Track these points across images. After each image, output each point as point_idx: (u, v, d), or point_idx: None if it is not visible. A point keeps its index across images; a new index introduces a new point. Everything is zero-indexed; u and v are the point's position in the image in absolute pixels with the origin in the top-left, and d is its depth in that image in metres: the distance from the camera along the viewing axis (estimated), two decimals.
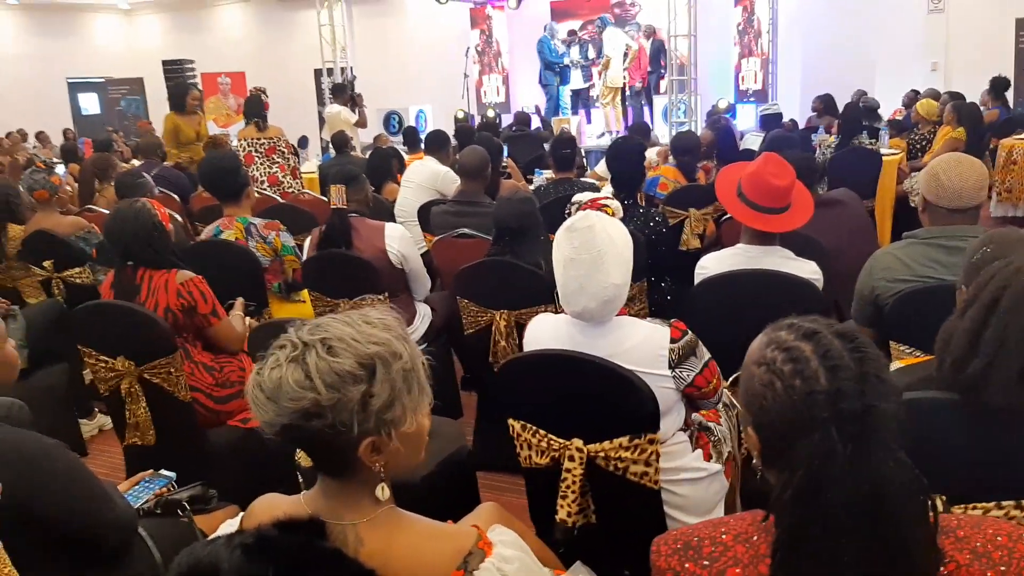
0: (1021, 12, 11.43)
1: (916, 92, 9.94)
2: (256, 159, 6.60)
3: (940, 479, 1.22)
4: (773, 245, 2.90)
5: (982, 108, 8.50)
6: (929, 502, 1.08)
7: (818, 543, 1.05)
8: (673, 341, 2.05)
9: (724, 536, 1.18)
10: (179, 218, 4.97)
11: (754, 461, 1.20)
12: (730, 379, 1.24)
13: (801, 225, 2.93)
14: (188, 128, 7.55)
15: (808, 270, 2.83)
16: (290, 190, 6.65)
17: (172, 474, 2.25)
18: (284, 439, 1.23)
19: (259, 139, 6.69)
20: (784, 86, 12.78)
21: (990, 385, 1.50)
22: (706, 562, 1.16)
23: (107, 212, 4.56)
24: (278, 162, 6.68)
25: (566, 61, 14.02)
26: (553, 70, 14.07)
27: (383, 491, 1.27)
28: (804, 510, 1.06)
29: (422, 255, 4.10)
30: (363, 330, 1.24)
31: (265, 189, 6.43)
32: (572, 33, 14.31)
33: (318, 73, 13.25)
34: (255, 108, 6.98)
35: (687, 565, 1.17)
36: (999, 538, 1.12)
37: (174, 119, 7.53)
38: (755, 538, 1.15)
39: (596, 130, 13.00)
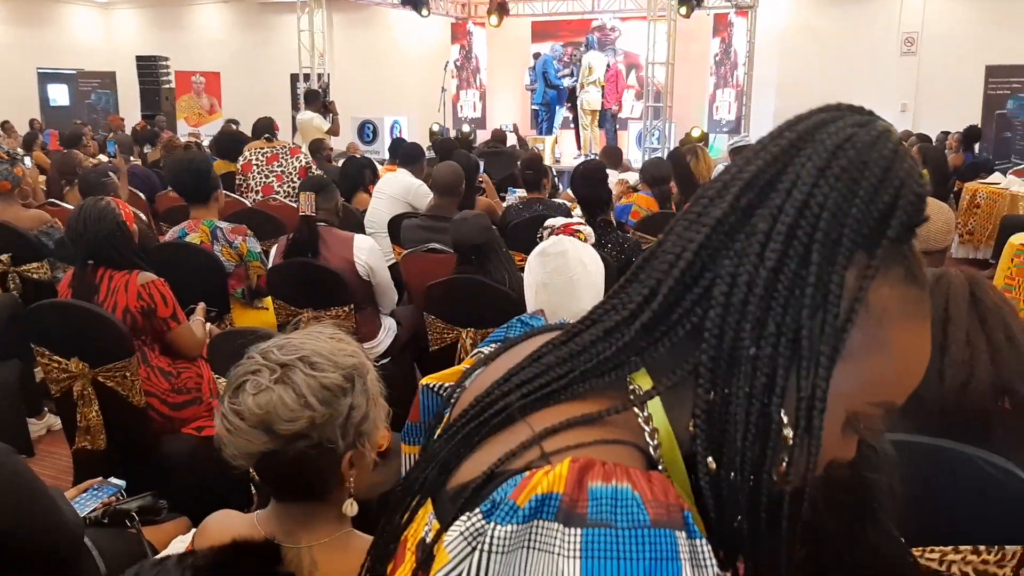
0: (991, 59, 11.71)
1: None
2: (254, 168, 6.32)
3: None
4: None
5: (949, 152, 8.68)
6: None
7: None
8: None
9: None
10: (143, 217, 4.88)
11: None
12: None
13: None
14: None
15: None
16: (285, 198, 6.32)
17: (122, 483, 2.19)
18: (262, 468, 1.18)
19: (263, 148, 6.42)
20: (757, 118, 12.95)
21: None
22: None
23: (72, 208, 4.47)
24: (275, 171, 6.40)
25: (566, 82, 14.05)
26: (557, 89, 14.12)
27: (352, 507, 1.26)
28: None
29: (390, 268, 4.06)
30: (333, 344, 1.24)
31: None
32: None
33: (294, 78, 13.18)
34: (265, 125, 6.94)
35: None
36: None
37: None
38: None
39: (572, 151, 13.06)
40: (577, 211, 4.59)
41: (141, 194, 6.05)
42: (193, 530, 1.47)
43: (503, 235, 3.77)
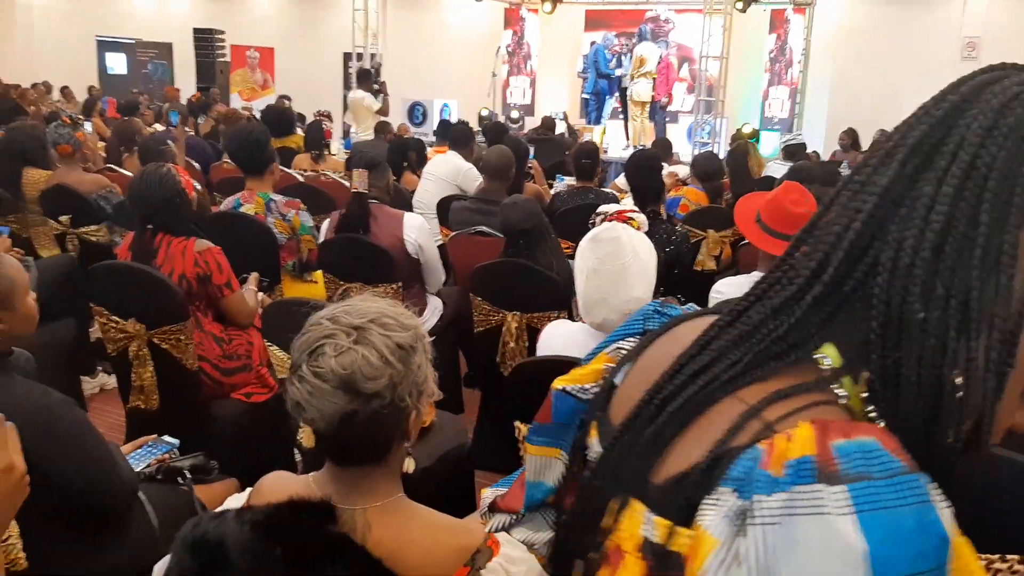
0: None
1: None
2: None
3: None
4: None
5: None
6: None
7: None
8: None
9: None
10: (199, 187, 4.96)
11: None
12: None
13: None
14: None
15: None
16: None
17: (175, 441, 2.25)
18: (338, 431, 1.21)
19: (305, 170, 6.00)
20: (810, 117, 12.78)
21: None
22: None
23: (130, 175, 4.57)
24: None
25: (618, 72, 13.92)
26: (609, 79, 14.00)
27: (410, 464, 1.30)
28: None
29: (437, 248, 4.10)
30: (393, 308, 1.28)
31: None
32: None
33: (347, 57, 13.27)
34: (315, 136, 6.56)
35: None
36: None
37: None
38: None
39: (619, 142, 12.99)
40: (626, 201, 4.59)
41: (196, 164, 6.15)
42: (248, 489, 1.51)
43: (551, 222, 3.78)
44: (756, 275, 2.95)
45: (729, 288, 3.03)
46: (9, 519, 1.23)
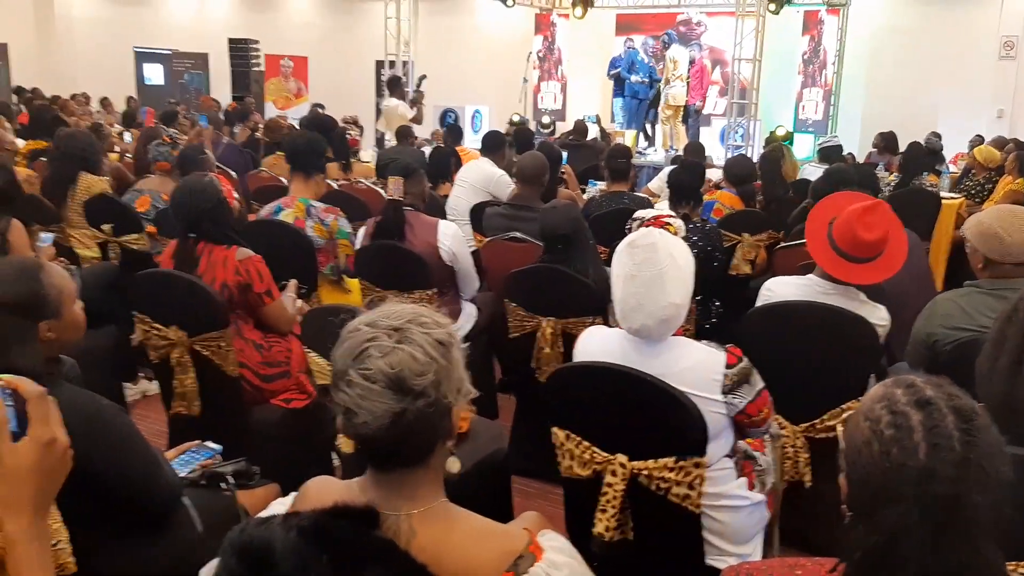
0: None
1: (981, 138, 9.77)
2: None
3: None
4: (847, 284, 2.80)
5: None
6: None
7: None
8: (728, 367, 2.04)
9: None
10: (236, 195, 5.04)
11: (842, 505, 1.17)
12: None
13: (880, 280, 2.80)
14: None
15: (877, 316, 2.74)
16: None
17: (218, 447, 2.28)
18: (387, 433, 1.22)
19: (336, 179, 5.91)
20: (844, 119, 12.64)
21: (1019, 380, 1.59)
22: None
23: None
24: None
25: (634, 79, 13.78)
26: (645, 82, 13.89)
27: (455, 463, 1.31)
28: None
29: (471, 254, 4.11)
30: (425, 309, 1.31)
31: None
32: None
33: (379, 65, 13.35)
34: (340, 147, 6.37)
35: None
36: None
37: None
38: None
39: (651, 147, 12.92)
40: (659, 206, 4.57)
41: (233, 172, 6.22)
42: (292, 494, 1.53)
43: None
44: (811, 278, 2.88)
45: (779, 287, 2.97)
46: (54, 493, 1.26)
